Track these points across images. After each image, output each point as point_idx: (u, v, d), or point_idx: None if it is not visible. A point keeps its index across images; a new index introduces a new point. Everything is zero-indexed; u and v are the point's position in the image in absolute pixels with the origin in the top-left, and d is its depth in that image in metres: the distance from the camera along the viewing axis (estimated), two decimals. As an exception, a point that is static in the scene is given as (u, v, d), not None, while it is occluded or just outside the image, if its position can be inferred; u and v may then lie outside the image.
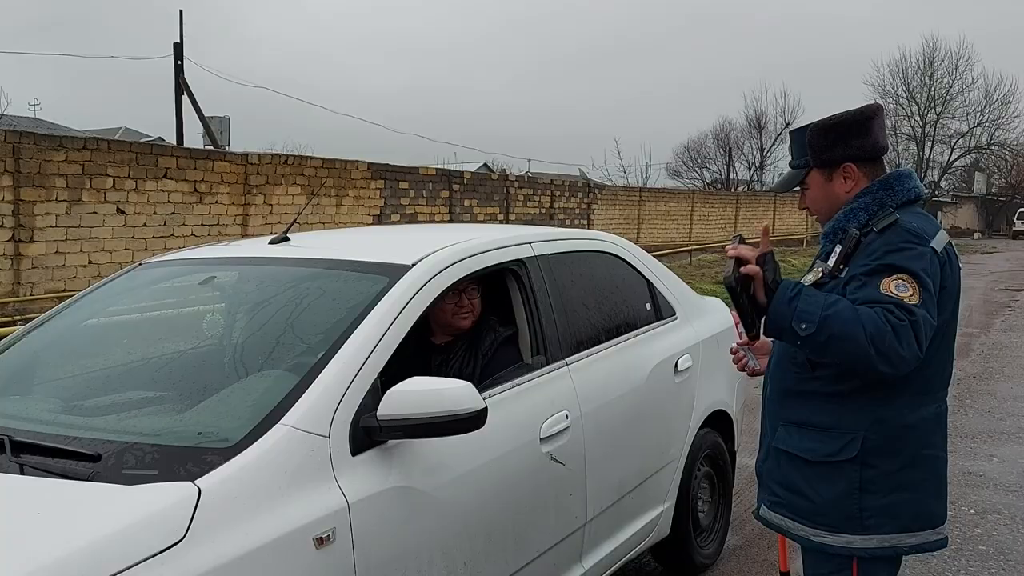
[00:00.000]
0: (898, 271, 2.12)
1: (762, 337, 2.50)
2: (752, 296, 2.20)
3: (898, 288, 2.10)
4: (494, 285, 3.20)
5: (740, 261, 2.19)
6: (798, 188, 2.48)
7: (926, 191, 2.44)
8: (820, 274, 2.31)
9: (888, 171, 2.38)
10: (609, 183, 33.62)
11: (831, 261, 2.29)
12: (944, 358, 2.30)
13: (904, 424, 2.23)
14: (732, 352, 2.71)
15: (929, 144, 50.02)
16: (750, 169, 54.01)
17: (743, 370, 2.69)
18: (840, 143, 2.33)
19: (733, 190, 44.53)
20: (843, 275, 2.23)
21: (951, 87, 49.34)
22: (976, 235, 50.04)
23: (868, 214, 2.28)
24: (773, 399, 2.44)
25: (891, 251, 2.15)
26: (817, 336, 2.08)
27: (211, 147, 20.09)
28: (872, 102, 2.43)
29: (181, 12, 22.15)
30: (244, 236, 12.80)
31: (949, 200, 54.68)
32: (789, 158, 2.51)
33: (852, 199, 2.33)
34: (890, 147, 2.46)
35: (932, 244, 2.19)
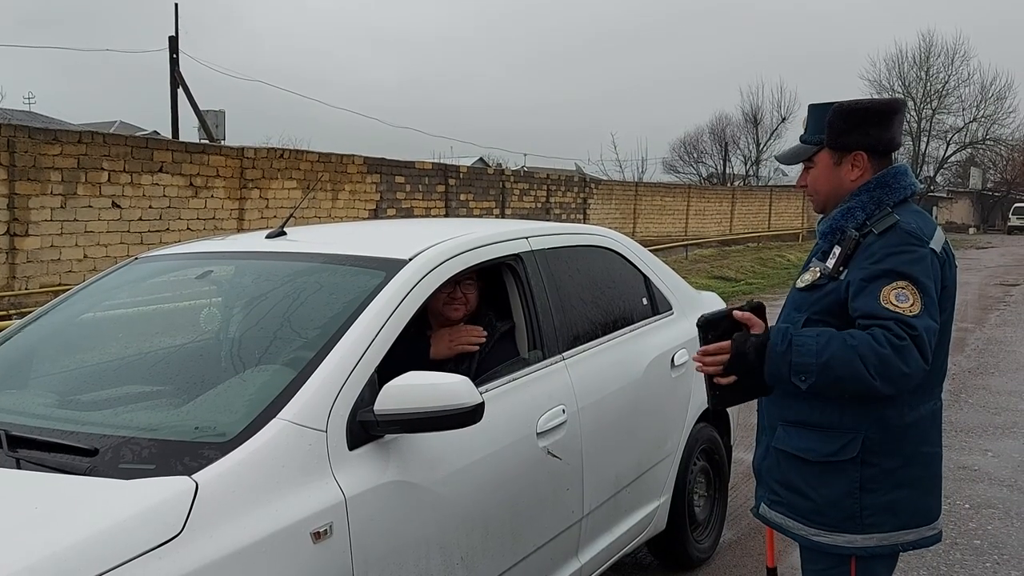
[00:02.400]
0: (898, 277, 2.10)
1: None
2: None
3: (898, 299, 2.08)
4: (491, 280, 3.19)
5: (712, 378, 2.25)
6: (803, 164, 2.43)
7: (921, 186, 2.42)
8: (818, 274, 2.29)
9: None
10: (605, 178, 33.60)
11: (830, 262, 2.27)
12: (942, 356, 2.29)
13: (904, 423, 2.22)
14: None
15: (925, 139, 50.12)
16: (746, 164, 54.08)
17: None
18: (858, 129, 2.30)
19: (729, 185, 44.55)
20: (843, 277, 2.21)
21: (947, 82, 49.44)
22: (971, 230, 50.13)
23: (866, 213, 2.25)
24: (772, 399, 2.42)
25: (891, 254, 2.13)
26: (818, 384, 2.10)
27: (207, 141, 20.05)
28: (898, 96, 2.40)
29: (176, 6, 22.11)
30: (240, 230, 12.77)
31: (944, 195, 54.79)
32: (802, 131, 2.45)
33: (848, 197, 2.31)
34: (901, 144, 2.43)
35: (931, 245, 2.18)
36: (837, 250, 2.26)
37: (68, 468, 2.00)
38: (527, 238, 3.20)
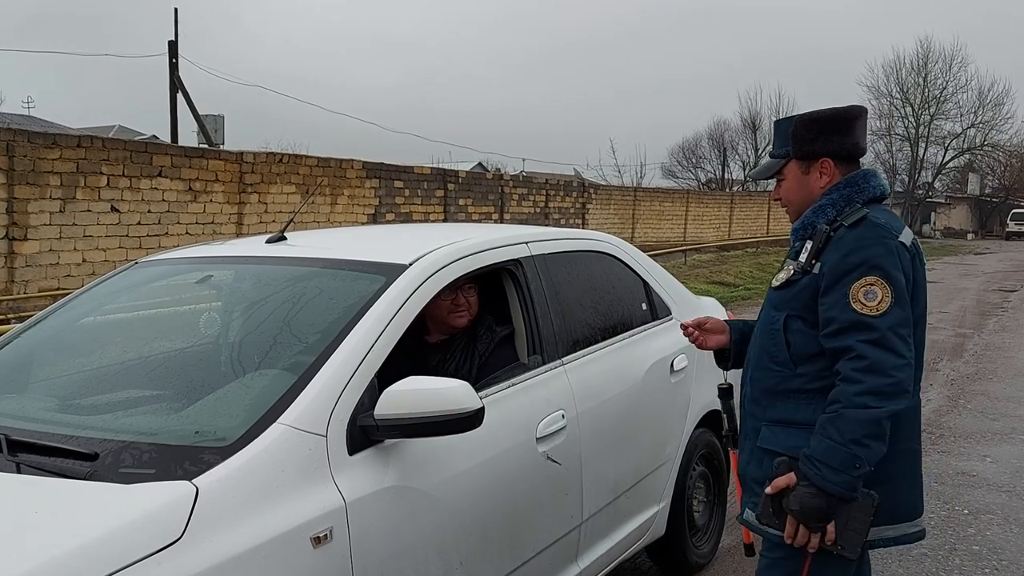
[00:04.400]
0: (869, 271, 2.16)
1: (718, 317, 2.77)
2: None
3: (867, 296, 2.14)
4: (491, 285, 3.20)
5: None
6: (774, 178, 2.51)
7: (889, 188, 2.49)
8: (792, 271, 2.34)
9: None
10: (604, 183, 33.64)
11: (803, 257, 2.32)
12: (918, 352, 2.31)
13: None
14: (683, 327, 2.85)
15: (923, 145, 50.14)
16: (744, 169, 54.14)
17: (699, 345, 2.85)
18: (822, 137, 2.38)
19: (728, 190, 44.61)
20: (816, 270, 2.26)
21: (945, 88, 49.49)
22: (969, 236, 50.18)
23: (836, 210, 2.32)
24: (755, 400, 2.44)
25: (863, 246, 2.19)
26: (871, 452, 2.12)
27: (206, 145, 20.06)
28: (857, 104, 2.46)
29: (176, 11, 22.11)
30: (239, 235, 12.78)
31: (943, 201, 54.87)
32: (770, 148, 2.56)
33: (819, 198, 2.37)
34: (867, 150, 2.50)
35: (901, 238, 2.24)
36: (809, 244, 2.32)
37: (68, 472, 2.00)
38: (527, 243, 3.20)
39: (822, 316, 2.22)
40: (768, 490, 2.26)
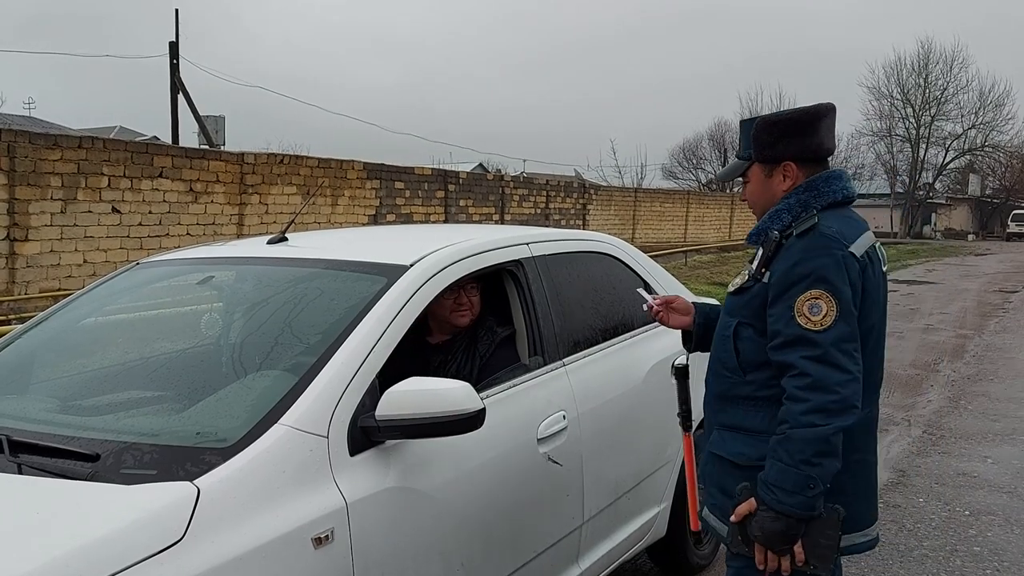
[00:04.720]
0: (814, 283, 2.12)
1: (684, 300, 2.76)
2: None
3: (811, 310, 2.10)
4: (492, 285, 3.20)
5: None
6: (741, 179, 2.47)
7: (856, 192, 2.42)
8: (746, 277, 2.31)
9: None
10: (604, 183, 33.66)
11: (754, 264, 2.29)
12: (872, 363, 2.25)
13: None
14: (649, 308, 2.78)
15: (923, 146, 50.16)
16: (745, 170, 54.07)
17: (661, 322, 2.79)
18: (783, 140, 2.31)
19: (728, 191, 44.61)
20: (765, 279, 2.22)
21: (945, 89, 49.53)
22: (970, 237, 50.19)
23: (792, 216, 2.26)
24: (709, 403, 2.43)
25: (808, 257, 2.15)
26: (825, 469, 2.08)
27: (206, 146, 20.08)
28: (826, 102, 2.38)
29: (177, 12, 22.16)
30: (240, 236, 12.79)
31: (943, 202, 54.89)
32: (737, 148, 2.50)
33: (780, 200, 2.32)
34: (835, 148, 2.43)
35: (852, 248, 2.17)
36: (760, 252, 2.28)
37: (70, 473, 2.00)
38: (528, 244, 3.20)
39: (769, 328, 2.19)
40: (732, 519, 2.23)
